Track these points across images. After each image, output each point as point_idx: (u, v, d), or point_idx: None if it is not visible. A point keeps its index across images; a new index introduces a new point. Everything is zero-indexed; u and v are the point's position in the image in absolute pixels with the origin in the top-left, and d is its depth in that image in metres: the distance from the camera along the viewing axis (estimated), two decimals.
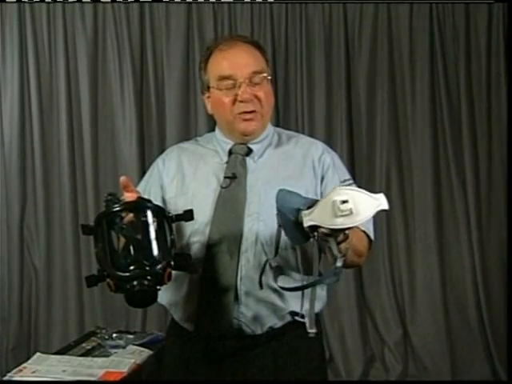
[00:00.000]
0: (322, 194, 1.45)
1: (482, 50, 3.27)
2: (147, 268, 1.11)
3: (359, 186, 1.52)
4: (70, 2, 3.22)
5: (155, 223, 1.17)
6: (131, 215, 1.17)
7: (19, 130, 3.27)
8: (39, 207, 3.29)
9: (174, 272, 1.40)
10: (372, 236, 1.45)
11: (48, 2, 3.23)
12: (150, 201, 1.22)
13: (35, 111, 3.26)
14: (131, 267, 1.11)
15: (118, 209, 1.16)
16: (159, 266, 1.12)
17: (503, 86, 3.25)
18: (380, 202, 1.05)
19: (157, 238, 1.15)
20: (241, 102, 1.41)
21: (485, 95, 3.29)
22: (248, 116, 1.43)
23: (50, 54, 3.27)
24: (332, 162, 1.49)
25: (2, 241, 3.27)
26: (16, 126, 3.26)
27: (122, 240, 1.17)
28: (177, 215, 1.24)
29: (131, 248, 1.13)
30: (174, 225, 1.36)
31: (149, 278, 1.10)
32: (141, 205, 1.19)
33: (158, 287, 1.14)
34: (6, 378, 1.48)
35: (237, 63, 1.42)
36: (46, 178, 3.29)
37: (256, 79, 1.42)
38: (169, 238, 1.19)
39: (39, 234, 3.31)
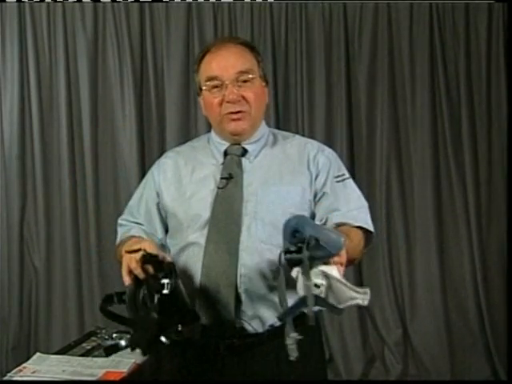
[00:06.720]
0: (316, 192, 1.46)
1: (482, 50, 3.28)
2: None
3: (359, 187, 1.54)
4: (70, 2, 3.22)
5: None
6: None
7: (19, 130, 3.26)
8: (39, 207, 3.29)
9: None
10: (372, 229, 1.45)
11: (48, 2, 3.23)
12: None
13: (35, 111, 3.26)
14: None
15: None
16: None
17: (503, 86, 3.25)
18: (360, 296, 1.08)
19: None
20: (228, 102, 1.43)
21: (485, 95, 3.29)
22: (235, 116, 1.44)
23: (50, 54, 3.27)
24: (327, 160, 1.50)
25: (2, 241, 3.26)
26: (16, 126, 3.26)
27: None
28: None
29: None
30: (174, 225, 1.35)
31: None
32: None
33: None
34: (5, 378, 1.48)
35: (224, 64, 1.44)
36: (45, 177, 3.29)
37: (243, 79, 1.43)
38: None
39: (39, 234, 3.31)
